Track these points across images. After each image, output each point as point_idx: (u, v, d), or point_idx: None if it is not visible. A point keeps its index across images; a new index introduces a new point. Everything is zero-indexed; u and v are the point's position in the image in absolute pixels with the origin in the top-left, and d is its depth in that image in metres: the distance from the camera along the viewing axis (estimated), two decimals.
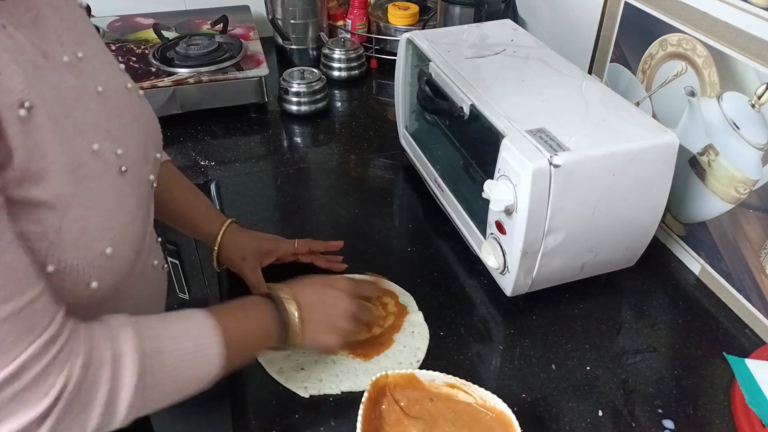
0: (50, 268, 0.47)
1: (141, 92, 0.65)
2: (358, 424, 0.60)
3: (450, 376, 0.66)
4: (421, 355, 0.74)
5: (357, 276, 0.81)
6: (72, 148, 0.48)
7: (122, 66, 0.63)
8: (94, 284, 0.51)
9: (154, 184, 0.63)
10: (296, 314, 0.64)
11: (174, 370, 0.53)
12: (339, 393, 0.69)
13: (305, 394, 0.69)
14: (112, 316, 0.52)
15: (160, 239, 0.70)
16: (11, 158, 0.43)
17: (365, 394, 0.63)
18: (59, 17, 0.53)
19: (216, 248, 0.80)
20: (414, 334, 0.76)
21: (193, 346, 0.55)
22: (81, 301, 0.51)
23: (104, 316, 0.52)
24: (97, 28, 1.28)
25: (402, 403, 0.65)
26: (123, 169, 0.54)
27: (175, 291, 1.25)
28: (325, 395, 0.69)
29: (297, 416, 0.67)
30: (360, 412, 0.61)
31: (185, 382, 0.55)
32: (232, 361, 0.58)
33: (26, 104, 0.44)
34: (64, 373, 0.45)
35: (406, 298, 0.81)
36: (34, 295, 0.44)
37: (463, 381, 0.65)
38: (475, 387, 0.65)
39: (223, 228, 0.80)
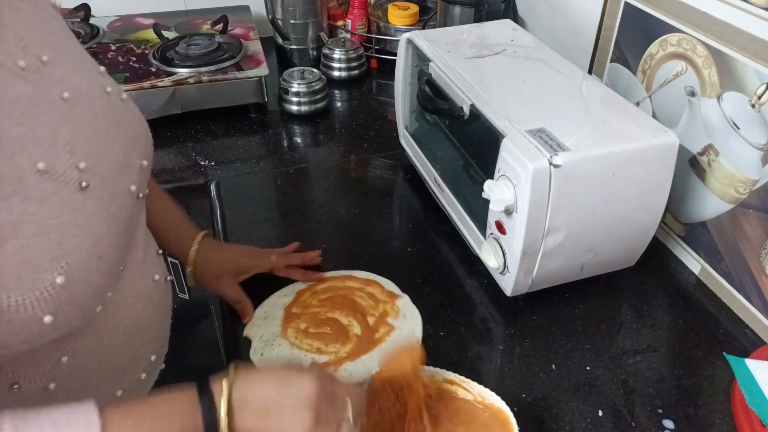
0: None
1: (125, 96, 0.58)
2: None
3: (449, 372, 0.66)
4: (419, 334, 0.74)
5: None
6: (8, 172, 0.42)
7: (102, 69, 0.58)
8: (48, 318, 0.44)
9: (140, 194, 0.57)
10: (224, 419, 0.46)
11: None
12: None
13: None
14: None
15: (161, 251, 0.67)
16: None
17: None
18: (22, 18, 0.47)
19: (190, 269, 0.77)
20: (406, 316, 0.77)
21: None
22: (39, 336, 0.45)
23: None
24: (98, 28, 1.31)
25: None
26: (84, 185, 0.48)
27: (175, 291, 1.25)
28: None
29: None
30: None
31: None
32: None
33: None
34: None
35: (389, 285, 0.81)
36: None
37: (462, 378, 0.66)
38: (474, 384, 0.65)
39: (195, 245, 0.77)
